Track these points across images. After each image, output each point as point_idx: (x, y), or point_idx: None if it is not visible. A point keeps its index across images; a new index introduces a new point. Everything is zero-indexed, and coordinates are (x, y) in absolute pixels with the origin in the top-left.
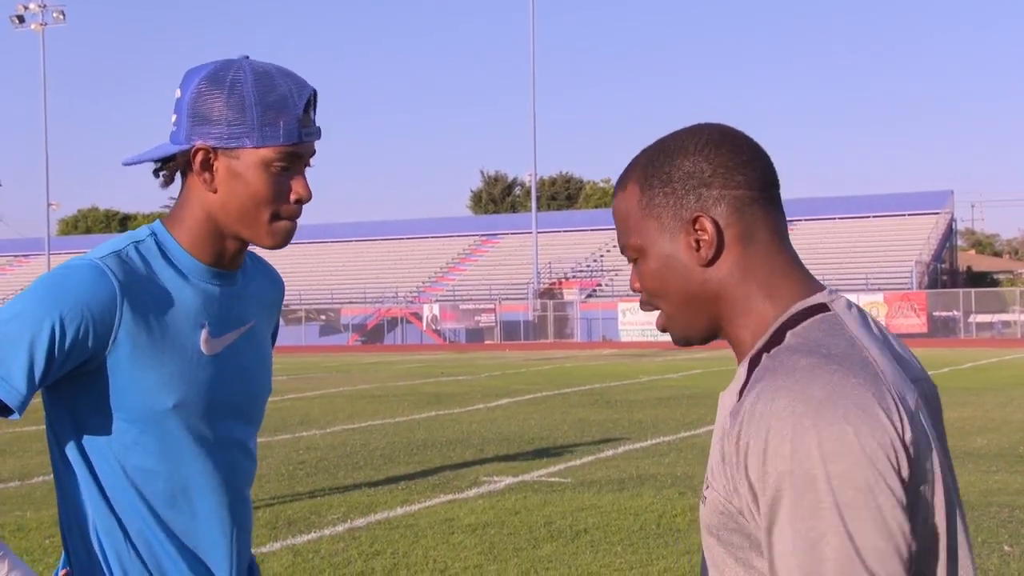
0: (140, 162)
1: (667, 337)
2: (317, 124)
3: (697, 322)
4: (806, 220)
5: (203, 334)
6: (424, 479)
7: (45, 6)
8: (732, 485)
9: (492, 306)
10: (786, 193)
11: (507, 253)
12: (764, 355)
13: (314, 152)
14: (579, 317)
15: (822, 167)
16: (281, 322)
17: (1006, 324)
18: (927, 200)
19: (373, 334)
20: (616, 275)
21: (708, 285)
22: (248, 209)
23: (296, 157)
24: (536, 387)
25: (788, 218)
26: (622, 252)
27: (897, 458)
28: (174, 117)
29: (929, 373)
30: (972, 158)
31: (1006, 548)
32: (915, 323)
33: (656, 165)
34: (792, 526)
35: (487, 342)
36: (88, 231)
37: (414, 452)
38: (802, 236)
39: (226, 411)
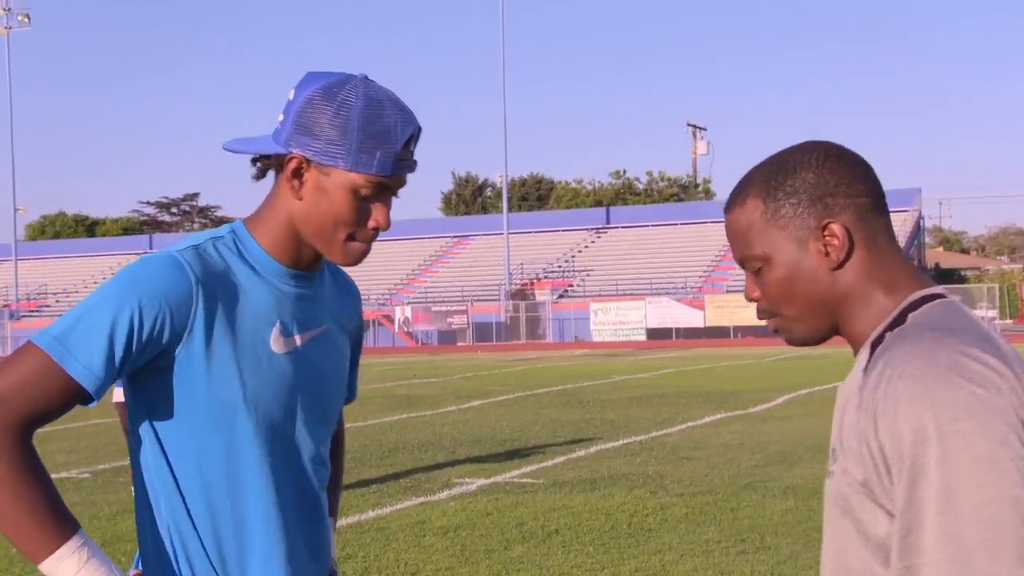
0: (241, 152)
1: (639, 337)
2: (415, 158)
3: (820, 324)
4: None
5: (274, 332)
6: (395, 482)
7: (9, 9)
8: (860, 454)
9: (464, 308)
10: None
11: (479, 254)
12: (887, 334)
13: (404, 183)
14: (551, 318)
15: None
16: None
17: None
18: (895, 197)
19: None
20: (588, 275)
21: (835, 288)
22: (327, 225)
23: (384, 187)
24: (508, 388)
25: None
26: (742, 265)
27: (1020, 422)
28: (281, 117)
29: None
30: (940, 156)
31: None
32: None
33: (779, 179)
34: (935, 482)
35: (459, 344)
36: (56, 236)
37: (385, 455)
38: None
39: (296, 410)
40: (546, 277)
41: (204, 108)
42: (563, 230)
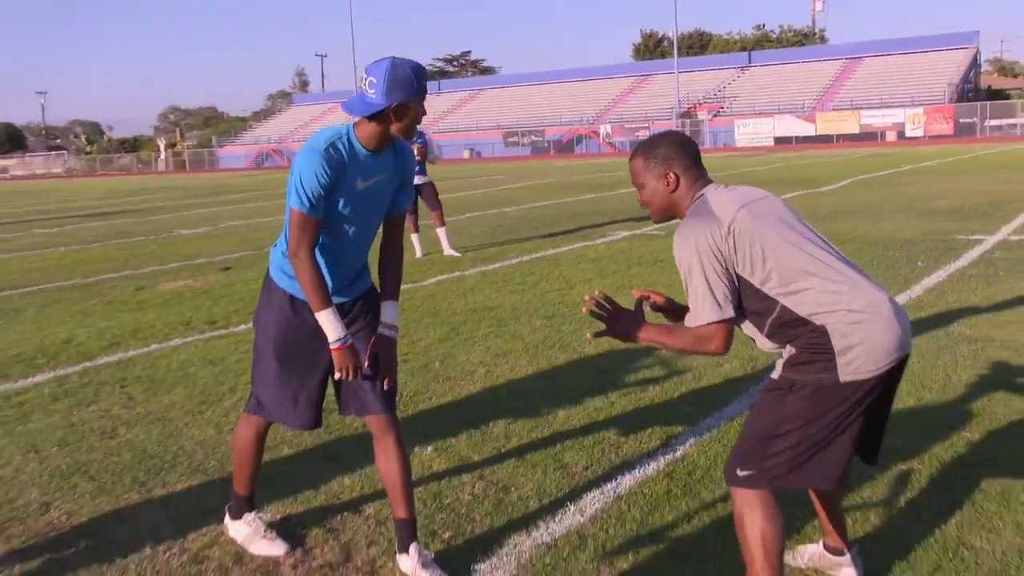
0: (359, 112)
1: (768, 143)
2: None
3: (666, 216)
4: (872, 56)
5: (359, 180)
6: (571, 234)
7: None
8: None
9: (647, 124)
10: (855, 36)
11: (658, 88)
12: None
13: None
14: (708, 131)
15: (881, 13)
16: (502, 139)
17: (1011, 126)
18: (960, 37)
19: (566, 146)
20: (734, 100)
21: (672, 200)
22: (410, 129)
23: (422, 106)
24: None
25: (862, 55)
26: (635, 186)
27: (718, 247)
28: (372, 91)
29: (767, 191)
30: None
31: (920, 264)
32: (945, 128)
33: (649, 150)
34: (687, 281)
35: None
36: None
37: (571, 219)
38: (869, 70)
39: (365, 211)
40: (705, 102)
41: None
42: (717, 69)
